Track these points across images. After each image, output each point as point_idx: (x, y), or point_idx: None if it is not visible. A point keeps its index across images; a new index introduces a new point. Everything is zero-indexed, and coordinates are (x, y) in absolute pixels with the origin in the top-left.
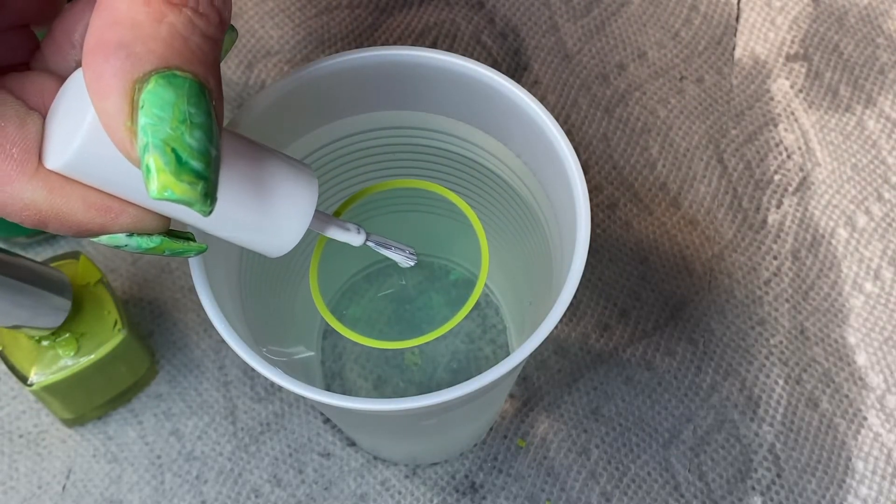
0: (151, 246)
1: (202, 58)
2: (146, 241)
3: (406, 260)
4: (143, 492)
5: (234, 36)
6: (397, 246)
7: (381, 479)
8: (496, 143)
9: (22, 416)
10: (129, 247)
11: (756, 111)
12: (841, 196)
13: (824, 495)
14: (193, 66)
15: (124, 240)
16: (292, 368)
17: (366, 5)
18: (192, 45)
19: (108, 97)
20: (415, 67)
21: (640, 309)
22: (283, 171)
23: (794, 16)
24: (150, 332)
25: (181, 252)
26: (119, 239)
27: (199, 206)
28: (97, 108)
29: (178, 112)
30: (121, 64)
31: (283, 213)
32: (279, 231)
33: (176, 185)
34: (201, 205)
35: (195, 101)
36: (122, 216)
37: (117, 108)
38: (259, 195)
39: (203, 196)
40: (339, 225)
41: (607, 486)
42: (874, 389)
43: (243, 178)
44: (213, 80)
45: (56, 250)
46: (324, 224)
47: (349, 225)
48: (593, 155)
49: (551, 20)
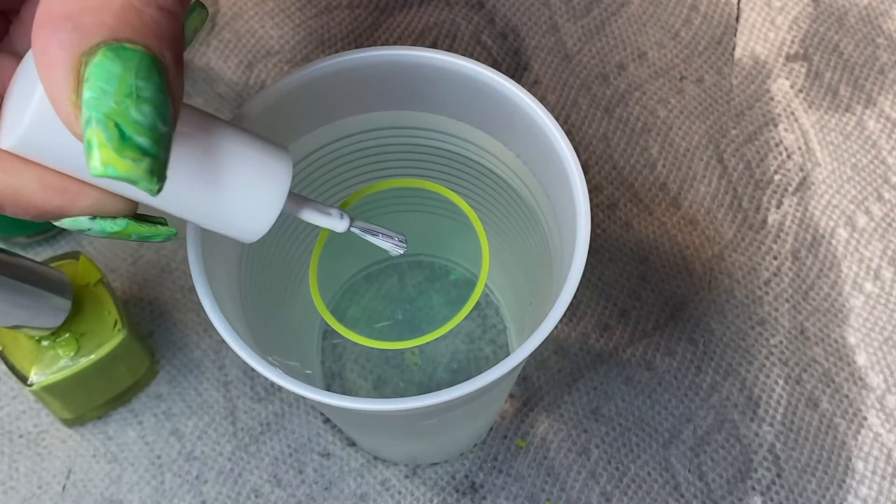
0: (116, 230)
1: (157, 31)
2: (110, 224)
3: (395, 247)
4: (143, 492)
5: (205, 14)
6: (385, 233)
7: (381, 479)
8: (496, 143)
9: (22, 416)
10: (93, 230)
11: (756, 111)
12: (841, 196)
13: (824, 495)
14: (146, 39)
15: (87, 223)
16: (292, 369)
17: (366, 5)
18: (146, 17)
19: (54, 70)
20: (415, 67)
21: (640, 309)
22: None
23: (794, 16)
24: (150, 332)
25: (149, 236)
26: (81, 222)
27: (144, 185)
28: (44, 83)
29: (123, 86)
30: (67, 36)
31: (252, 194)
32: (249, 213)
33: (118, 162)
34: (147, 182)
35: (144, 75)
36: (81, 198)
37: (62, 82)
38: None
39: (148, 173)
40: (319, 209)
41: (607, 486)
42: (874, 389)
43: (205, 155)
44: (170, 54)
45: (56, 250)
46: (301, 207)
47: (331, 210)
48: (593, 155)
49: (551, 20)
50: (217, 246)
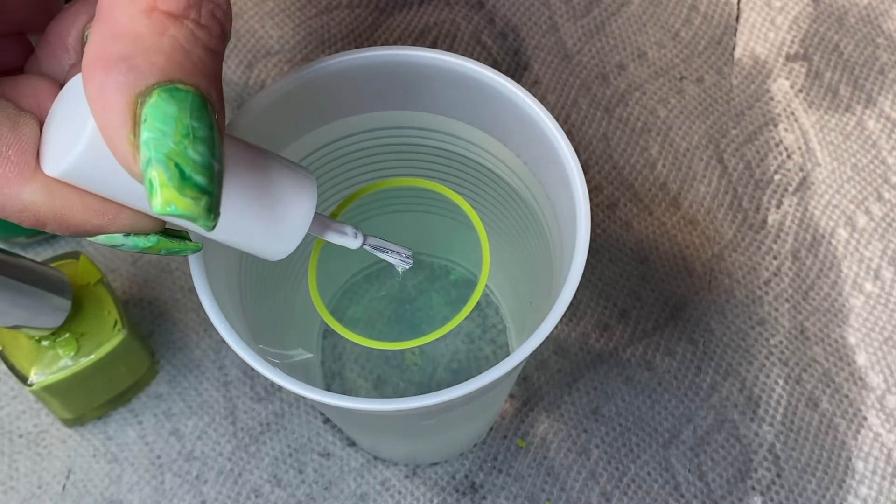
0: (148, 245)
1: (204, 70)
2: (143, 240)
3: (402, 263)
4: (143, 492)
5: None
6: (394, 249)
7: (381, 479)
8: (496, 143)
9: (22, 416)
10: (126, 246)
11: (756, 111)
12: (841, 196)
13: (824, 495)
14: (196, 79)
15: (121, 239)
16: (292, 368)
17: (366, 5)
18: (193, 57)
19: (111, 111)
20: (415, 67)
21: (640, 309)
22: (284, 175)
23: (794, 16)
24: (150, 332)
25: (178, 251)
26: (116, 239)
27: (202, 222)
28: (98, 122)
29: (180, 126)
30: (123, 78)
31: (284, 218)
32: (280, 236)
33: (179, 201)
34: (205, 220)
35: (198, 115)
36: (120, 218)
37: (120, 123)
38: (260, 202)
39: (206, 211)
40: (336, 229)
41: (607, 486)
42: (874, 389)
43: (244, 185)
44: (216, 92)
45: (56, 250)
46: (322, 228)
47: (347, 228)
48: (593, 155)
49: (551, 20)
50: (218, 246)
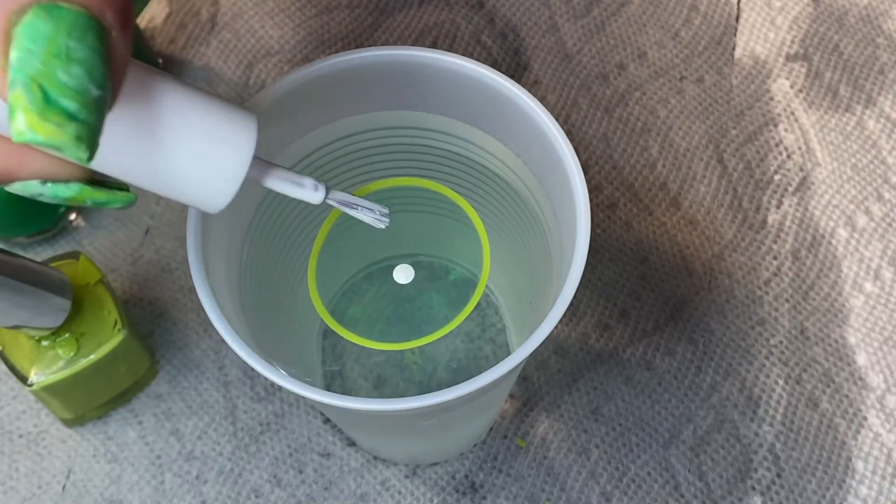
0: (69, 195)
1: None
2: (63, 188)
3: (377, 221)
4: (143, 492)
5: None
6: (365, 205)
7: (381, 479)
8: (496, 143)
9: (22, 416)
10: (45, 195)
11: (756, 111)
12: (841, 196)
13: (824, 495)
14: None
15: (38, 187)
16: (292, 368)
17: (366, 5)
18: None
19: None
20: (415, 67)
21: (640, 309)
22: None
23: (794, 16)
24: (150, 332)
25: (105, 202)
26: (32, 186)
27: (71, 152)
28: None
29: (52, 46)
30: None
31: (208, 160)
32: (206, 181)
33: (40, 126)
34: (74, 149)
35: (78, 35)
36: (28, 160)
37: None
38: (171, 137)
39: (75, 139)
40: (290, 179)
41: (607, 486)
42: (874, 389)
43: (150, 117)
44: (113, 14)
45: (56, 250)
46: (268, 175)
47: (304, 180)
48: (593, 155)
49: (551, 20)
50: (217, 246)
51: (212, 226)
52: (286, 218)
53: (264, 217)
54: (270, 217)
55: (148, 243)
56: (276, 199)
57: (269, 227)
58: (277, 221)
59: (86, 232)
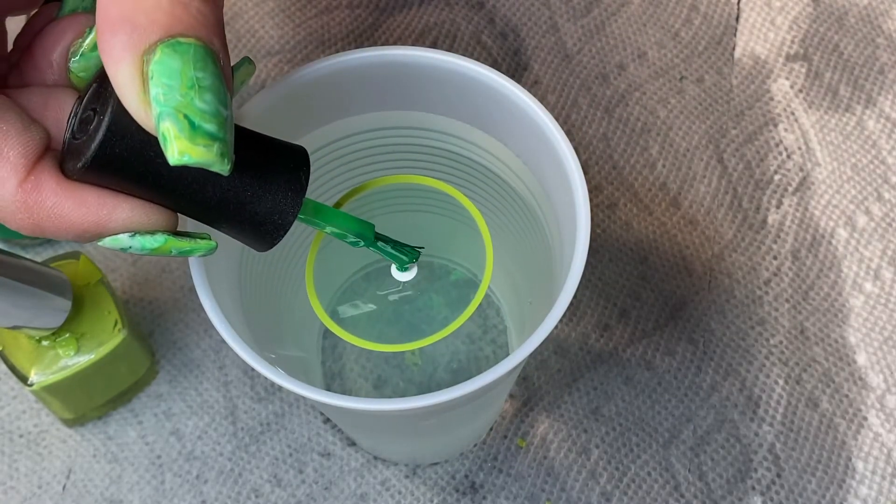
0: (156, 246)
1: (203, 21)
2: (150, 240)
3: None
4: (143, 492)
5: (252, 69)
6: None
7: (381, 479)
8: (496, 143)
9: (22, 416)
10: (134, 248)
11: (756, 111)
12: (841, 196)
13: (824, 495)
14: (196, 31)
15: (127, 241)
16: (292, 368)
17: (366, 5)
18: (192, 10)
19: (121, 71)
20: (415, 67)
21: (640, 309)
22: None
23: (794, 16)
24: (150, 332)
25: (189, 251)
26: (122, 240)
27: (218, 166)
28: (112, 80)
29: (185, 79)
30: (127, 37)
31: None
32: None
33: (192, 150)
34: (220, 164)
35: (201, 66)
36: (117, 211)
37: (129, 79)
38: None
39: (220, 156)
40: None
41: (607, 486)
42: (874, 389)
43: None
44: (218, 41)
45: (56, 250)
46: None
47: None
48: (593, 155)
49: (551, 20)
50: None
51: None
52: None
53: None
54: None
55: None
56: None
57: None
58: None
59: None
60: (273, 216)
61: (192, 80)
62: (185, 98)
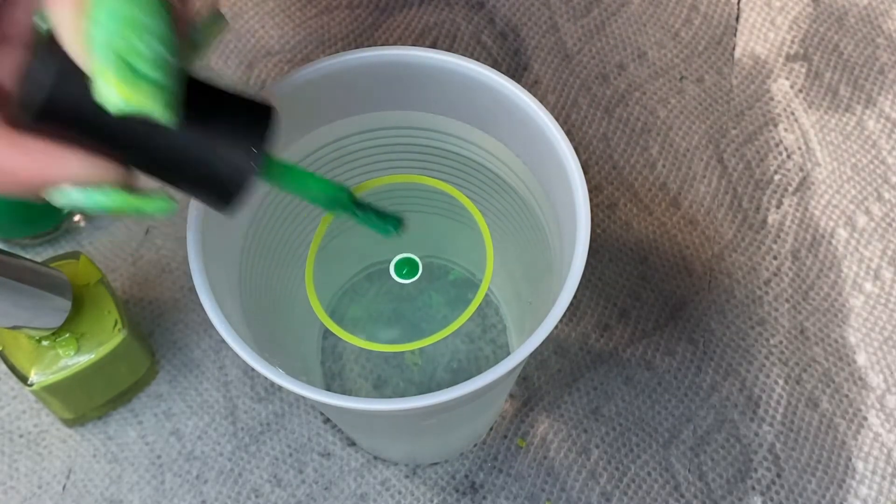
0: (108, 203)
1: None
2: (102, 197)
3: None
4: (143, 492)
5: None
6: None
7: (381, 479)
8: (496, 143)
9: (22, 416)
10: (87, 205)
11: (756, 111)
12: (841, 196)
13: (824, 495)
14: None
15: (79, 196)
16: (292, 368)
17: (366, 5)
18: None
19: (61, 9)
20: (415, 67)
21: (640, 309)
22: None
23: (794, 16)
24: (150, 332)
25: (142, 207)
26: (72, 195)
27: (161, 116)
28: (53, 24)
29: (128, 21)
30: None
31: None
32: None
33: (131, 96)
34: (163, 114)
35: (147, 8)
36: (63, 162)
37: (69, 20)
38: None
39: (162, 105)
40: None
41: (607, 486)
42: (874, 389)
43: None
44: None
45: (57, 250)
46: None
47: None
48: (593, 155)
49: (551, 20)
50: (217, 246)
51: (212, 226)
52: (286, 218)
53: (264, 217)
54: (270, 217)
55: (148, 243)
56: (276, 200)
57: (269, 226)
58: (277, 221)
59: (86, 232)
60: (230, 174)
61: (135, 23)
62: (126, 41)
